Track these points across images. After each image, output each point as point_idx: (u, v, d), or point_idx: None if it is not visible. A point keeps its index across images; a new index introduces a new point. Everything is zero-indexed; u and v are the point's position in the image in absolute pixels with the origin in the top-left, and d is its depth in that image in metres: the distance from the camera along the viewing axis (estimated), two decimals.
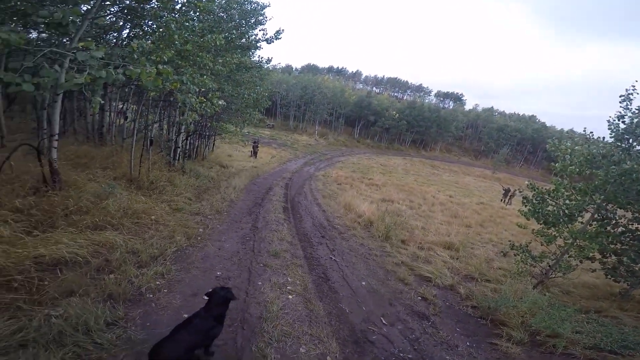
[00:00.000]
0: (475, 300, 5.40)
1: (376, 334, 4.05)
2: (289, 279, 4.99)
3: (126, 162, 8.75)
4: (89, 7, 4.80)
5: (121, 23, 8.43)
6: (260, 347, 3.24)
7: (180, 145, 11.77)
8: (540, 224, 6.72)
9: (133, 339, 2.97)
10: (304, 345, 3.45)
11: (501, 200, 22.36)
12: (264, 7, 12.39)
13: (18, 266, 3.46)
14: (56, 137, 5.64)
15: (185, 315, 3.39)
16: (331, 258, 6.45)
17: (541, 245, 6.93)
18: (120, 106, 13.24)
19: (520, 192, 7.61)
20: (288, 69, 76.68)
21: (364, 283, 5.53)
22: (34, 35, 6.93)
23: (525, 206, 7.05)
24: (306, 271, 5.52)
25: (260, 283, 4.68)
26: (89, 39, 3.12)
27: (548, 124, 68.56)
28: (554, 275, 6.55)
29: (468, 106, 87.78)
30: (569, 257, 6.40)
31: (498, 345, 4.24)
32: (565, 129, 58.76)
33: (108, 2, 5.51)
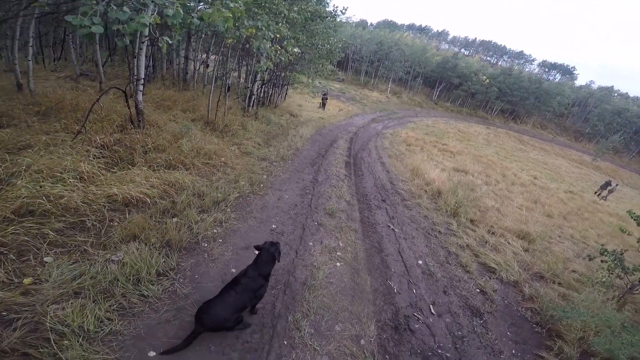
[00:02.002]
0: (538, 304, 4.71)
1: (420, 323, 3.73)
2: (341, 244, 4.82)
3: (204, 106, 9.23)
4: None
5: None
6: (297, 318, 3.13)
7: (255, 92, 12.04)
8: None
9: (178, 292, 3.02)
10: (340, 322, 3.28)
11: (596, 192, 19.11)
12: None
13: (92, 205, 3.71)
14: (142, 81, 6.01)
15: (234, 271, 3.48)
16: (389, 227, 6.12)
17: None
18: (204, 55, 13.87)
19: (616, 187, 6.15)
20: (362, 24, 72.69)
21: (420, 262, 5.16)
22: None
23: None
24: (360, 237, 5.28)
25: (311, 244, 4.59)
26: None
27: None
28: (638, 292, 5.42)
29: (580, 82, 74.33)
30: None
31: (544, 359, 3.69)
32: None
33: None
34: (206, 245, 3.83)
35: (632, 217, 5.90)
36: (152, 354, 2.38)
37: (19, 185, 3.46)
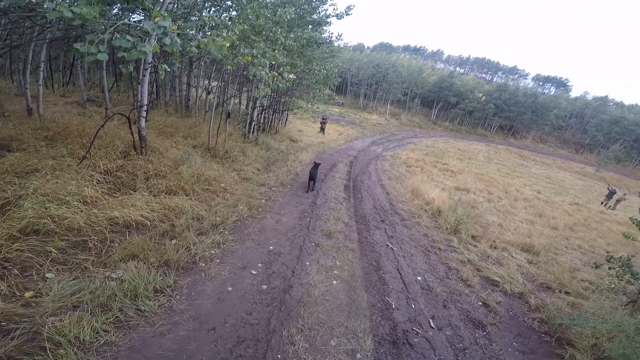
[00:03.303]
0: (545, 313, 4.65)
1: (419, 337, 3.70)
2: (338, 263, 4.84)
3: (206, 132, 9.50)
4: None
5: (201, 2, 8.88)
6: (291, 333, 3.16)
7: (255, 118, 12.36)
8: None
9: (174, 308, 3.09)
10: (336, 337, 3.29)
11: (602, 202, 18.92)
12: None
13: (94, 227, 3.87)
14: (145, 107, 6.28)
15: (230, 289, 3.57)
16: (387, 245, 6.13)
17: None
18: (205, 82, 14.42)
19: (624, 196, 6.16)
20: (359, 47, 74.86)
21: (419, 278, 5.13)
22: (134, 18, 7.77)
23: None
24: (357, 256, 5.31)
25: (308, 263, 4.63)
26: (164, 13, 3.25)
27: None
28: None
29: (575, 93, 75.44)
30: None
31: None
32: None
33: None
34: (203, 265, 3.90)
35: (634, 223, 5.87)
36: None
37: (26, 206, 3.62)
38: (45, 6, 2.25)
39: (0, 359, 2.15)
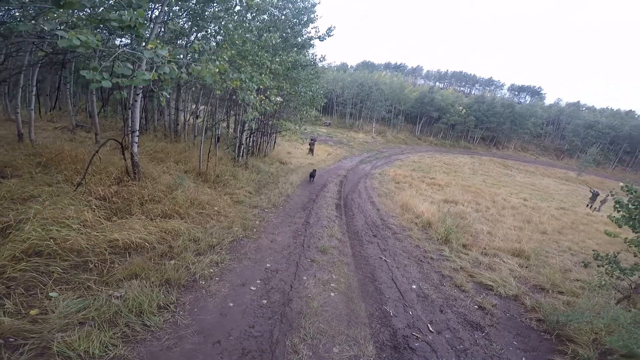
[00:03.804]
0: (541, 313, 4.80)
1: (419, 341, 3.79)
2: (334, 276, 4.95)
3: (196, 157, 9.62)
4: (158, 13, 5.39)
5: (188, 27, 9.23)
6: (294, 343, 3.24)
7: (244, 142, 12.56)
8: (637, 233, 5.70)
9: (179, 323, 3.17)
10: (338, 345, 3.37)
11: (588, 205, 19.54)
12: (314, 4, 12.68)
13: (95, 249, 3.96)
14: (137, 133, 6.40)
15: (231, 305, 3.66)
16: (381, 258, 6.25)
17: (634, 256, 5.89)
18: (193, 106, 14.63)
19: (612, 195, 6.49)
20: (343, 67, 76.81)
21: (414, 287, 5.25)
22: (118, 42, 7.98)
23: (619, 212, 6.03)
24: (352, 269, 5.42)
25: (305, 278, 4.72)
26: (158, 41, 3.47)
27: None
28: None
29: (549, 100, 78.90)
30: None
31: None
32: None
33: (176, 7, 6.07)
34: (204, 282, 3.97)
35: (612, 221, 6.16)
36: None
37: (28, 229, 3.70)
38: (58, 34, 2.42)
39: None
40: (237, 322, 3.38)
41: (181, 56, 3.54)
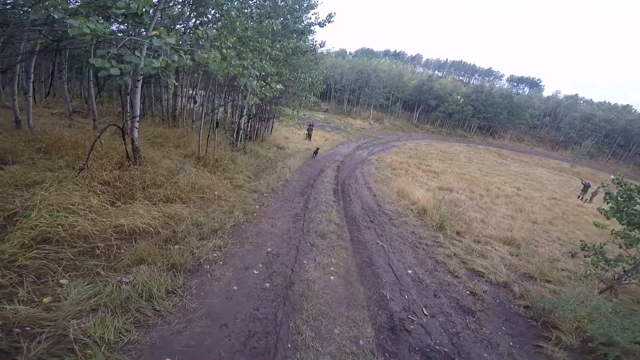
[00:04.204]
0: (529, 300, 5.04)
1: (414, 324, 4.00)
2: (333, 260, 5.11)
3: (195, 142, 9.63)
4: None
5: (188, 13, 9.09)
6: (297, 324, 3.40)
7: (242, 127, 12.55)
8: (623, 225, 5.92)
9: (187, 307, 3.28)
10: (338, 326, 3.54)
11: (579, 196, 19.93)
12: None
13: (102, 234, 4.03)
14: (137, 118, 6.41)
15: (236, 288, 3.81)
16: (378, 243, 6.44)
17: (619, 247, 6.14)
18: (191, 92, 14.47)
19: (604, 186, 6.68)
20: (342, 53, 75.85)
21: (409, 272, 5.46)
22: (114, 27, 7.87)
23: (608, 203, 6.24)
24: (351, 254, 5.60)
25: (305, 262, 4.88)
26: (162, 27, 3.49)
27: None
28: (627, 282, 5.81)
29: (547, 92, 79.01)
30: None
31: (543, 348, 3.96)
32: None
33: None
34: (208, 267, 4.09)
35: (601, 212, 6.38)
36: None
37: (35, 216, 3.76)
38: (68, 23, 2.45)
39: None
40: (242, 305, 3.52)
41: (187, 42, 3.56)
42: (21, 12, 6.45)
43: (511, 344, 4.05)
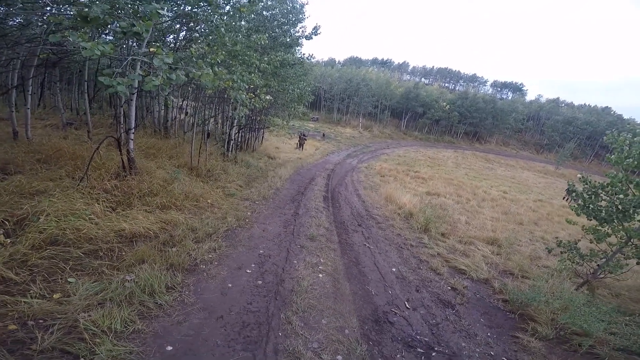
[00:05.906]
0: (507, 294, 5.37)
1: (397, 316, 4.30)
2: (322, 260, 5.42)
3: (187, 152, 9.89)
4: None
5: (177, 26, 9.44)
6: (287, 316, 3.66)
7: (233, 137, 12.84)
8: (590, 220, 6.35)
9: (186, 301, 3.56)
10: (326, 317, 3.80)
11: (564, 198, 20.66)
12: (303, 5, 13.04)
13: (105, 238, 4.33)
14: (133, 130, 6.66)
15: (230, 285, 4.10)
16: (365, 245, 6.77)
17: (590, 242, 6.57)
18: (181, 103, 14.74)
19: (569, 185, 7.14)
20: (331, 62, 77.36)
21: (394, 270, 5.79)
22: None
23: (575, 201, 6.68)
24: (338, 255, 5.91)
25: (295, 262, 5.18)
26: (154, 42, 3.82)
27: (625, 117, 60.30)
28: (602, 276, 6.20)
29: (530, 97, 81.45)
30: (625, 257, 6.00)
31: (519, 339, 4.27)
32: None
33: (169, 14, 6.34)
34: (204, 267, 4.37)
35: (572, 209, 6.80)
36: (169, 348, 2.86)
37: (43, 221, 4.05)
38: (82, 45, 2.77)
39: (47, 350, 2.52)
40: (237, 299, 3.80)
41: (182, 60, 3.88)
42: (32, 31, 6.76)
43: (489, 334, 4.35)
